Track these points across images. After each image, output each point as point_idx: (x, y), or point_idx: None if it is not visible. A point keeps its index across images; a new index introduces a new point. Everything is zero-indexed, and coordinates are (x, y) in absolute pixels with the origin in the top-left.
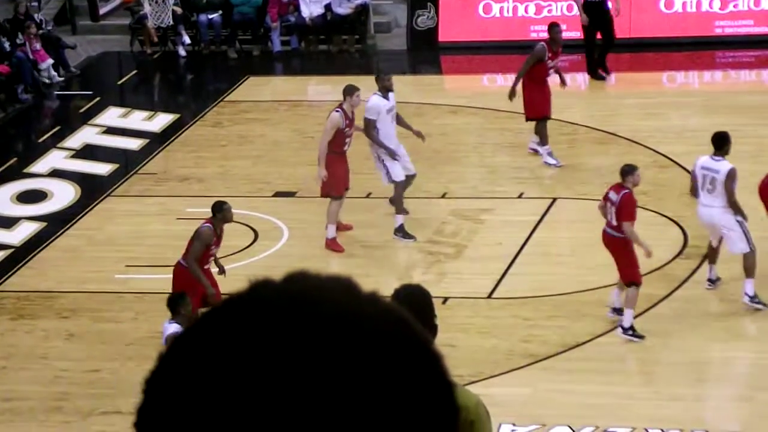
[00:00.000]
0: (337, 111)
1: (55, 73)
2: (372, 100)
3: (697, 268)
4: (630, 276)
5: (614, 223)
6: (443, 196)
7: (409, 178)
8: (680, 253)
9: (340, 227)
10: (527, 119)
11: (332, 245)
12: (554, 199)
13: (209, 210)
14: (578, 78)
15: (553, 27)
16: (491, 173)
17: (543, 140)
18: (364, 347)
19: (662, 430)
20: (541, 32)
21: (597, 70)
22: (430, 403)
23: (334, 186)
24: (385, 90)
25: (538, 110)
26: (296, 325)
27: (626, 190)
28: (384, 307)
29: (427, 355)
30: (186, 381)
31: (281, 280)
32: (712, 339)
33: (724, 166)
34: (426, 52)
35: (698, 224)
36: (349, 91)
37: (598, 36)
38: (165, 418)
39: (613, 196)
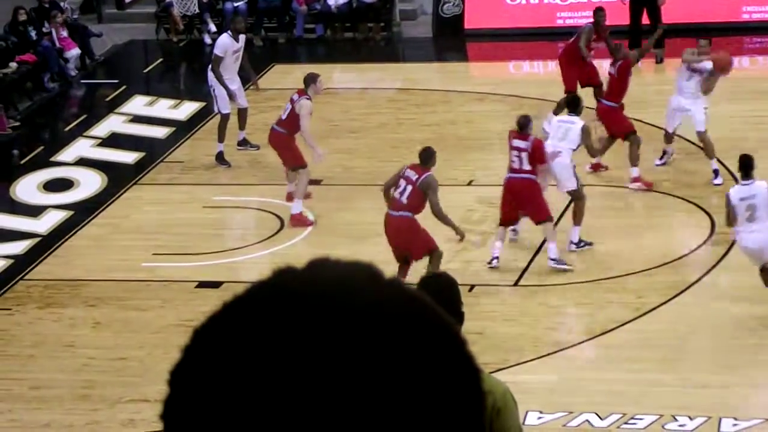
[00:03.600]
0: (307, 98)
1: (73, 66)
2: (222, 39)
3: (725, 254)
4: (543, 214)
5: (527, 167)
6: (469, 184)
7: (241, 111)
8: (707, 239)
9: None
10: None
11: (302, 220)
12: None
13: (235, 198)
14: (604, 65)
15: (598, 11)
16: None
17: (557, 109)
18: (387, 333)
19: (689, 417)
20: (567, 19)
21: (660, 57)
22: (456, 388)
23: (299, 158)
24: (236, 32)
25: (567, 84)
26: (320, 313)
27: (534, 137)
28: (406, 292)
29: (452, 339)
30: (211, 373)
31: (303, 267)
32: (739, 326)
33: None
34: (452, 40)
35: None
36: (312, 78)
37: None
38: (191, 410)
39: (521, 144)
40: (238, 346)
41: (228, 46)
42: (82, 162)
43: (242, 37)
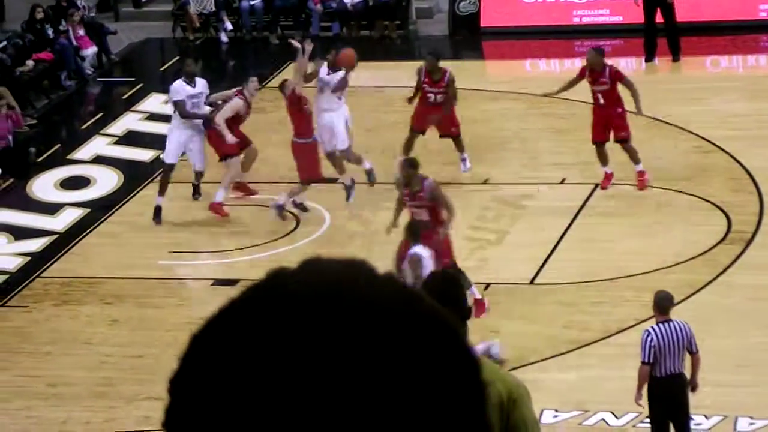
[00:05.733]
0: (240, 98)
1: (89, 64)
2: (174, 85)
3: (741, 253)
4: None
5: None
6: (485, 182)
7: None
8: (724, 238)
9: (244, 190)
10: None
11: (218, 209)
12: (596, 185)
13: (251, 196)
14: (620, 63)
15: (427, 55)
16: (533, 159)
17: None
18: (382, 330)
19: (705, 416)
20: (584, 17)
21: (676, 54)
22: (455, 381)
23: (233, 146)
24: (188, 75)
25: (414, 122)
26: (314, 313)
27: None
28: (399, 288)
29: (448, 332)
30: (210, 380)
31: (296, 267)
32: (755, 325)
33: None
34: (468, 38)
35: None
36: (247, 80)
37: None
38: (192, 418)
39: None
40: (236, 352)
41: (181, 91)
42: (99, 160)
43: (200, 82)
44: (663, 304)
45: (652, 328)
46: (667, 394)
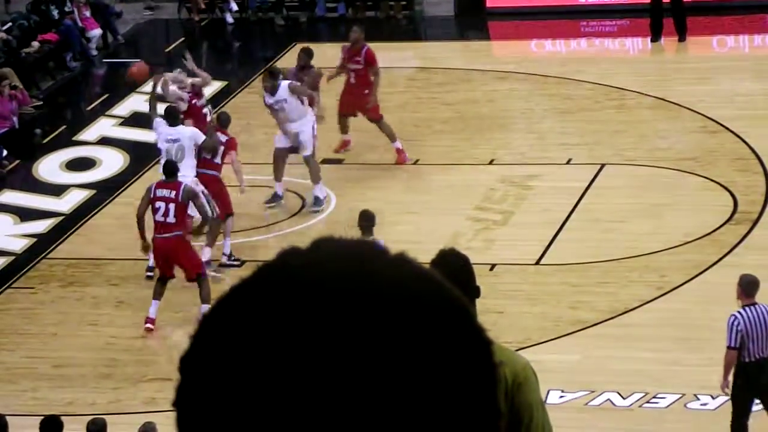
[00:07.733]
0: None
1: (94, 45)
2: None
3: (747, 233)
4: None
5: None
6: (491, 163)
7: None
8: (730, 218)
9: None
10: None
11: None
12: (602, 165)
13: (256, 177)
14: (626, 43)
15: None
16: (539, 139)
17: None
18: (395, 309)
19: (711, 396)
20: None
21: (682, 34)
22: (468, 361)
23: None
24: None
25: None
26: (326, 293)
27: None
28: (412, 267)
29: (461, 312)
30: (221, 359)
31: (308, 247)
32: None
33: None
34: (474, 18)
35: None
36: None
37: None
38: (203, 397)
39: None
40: (247, 331)
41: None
42: (105, 141)
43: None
44: (749, 287)
45: (739, 312)
46: (755, 378)
